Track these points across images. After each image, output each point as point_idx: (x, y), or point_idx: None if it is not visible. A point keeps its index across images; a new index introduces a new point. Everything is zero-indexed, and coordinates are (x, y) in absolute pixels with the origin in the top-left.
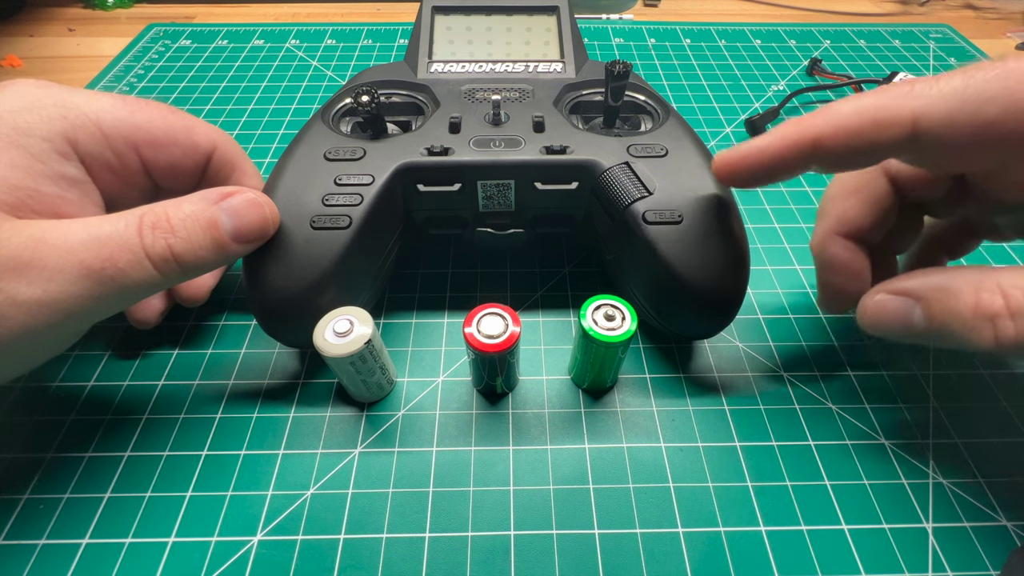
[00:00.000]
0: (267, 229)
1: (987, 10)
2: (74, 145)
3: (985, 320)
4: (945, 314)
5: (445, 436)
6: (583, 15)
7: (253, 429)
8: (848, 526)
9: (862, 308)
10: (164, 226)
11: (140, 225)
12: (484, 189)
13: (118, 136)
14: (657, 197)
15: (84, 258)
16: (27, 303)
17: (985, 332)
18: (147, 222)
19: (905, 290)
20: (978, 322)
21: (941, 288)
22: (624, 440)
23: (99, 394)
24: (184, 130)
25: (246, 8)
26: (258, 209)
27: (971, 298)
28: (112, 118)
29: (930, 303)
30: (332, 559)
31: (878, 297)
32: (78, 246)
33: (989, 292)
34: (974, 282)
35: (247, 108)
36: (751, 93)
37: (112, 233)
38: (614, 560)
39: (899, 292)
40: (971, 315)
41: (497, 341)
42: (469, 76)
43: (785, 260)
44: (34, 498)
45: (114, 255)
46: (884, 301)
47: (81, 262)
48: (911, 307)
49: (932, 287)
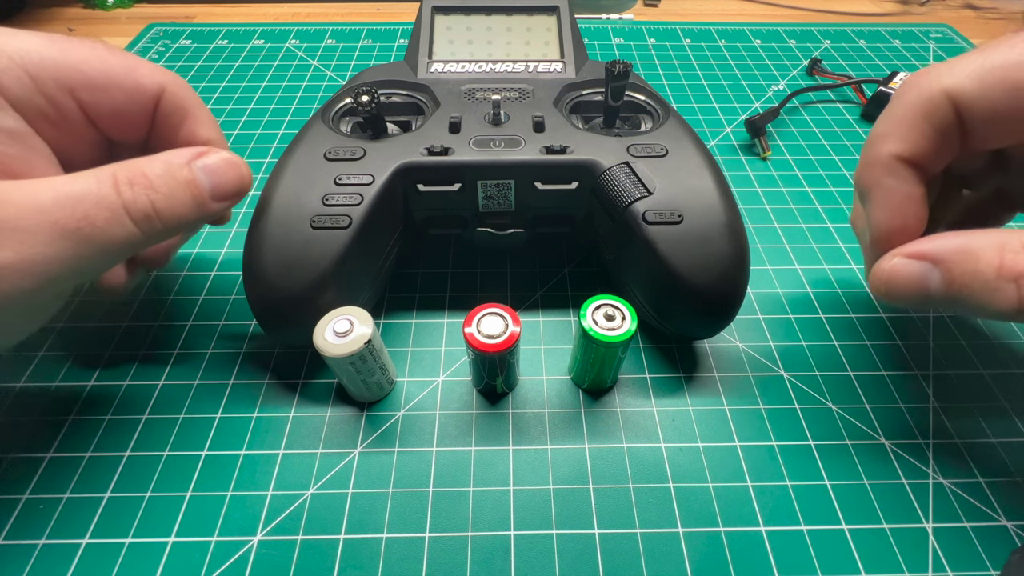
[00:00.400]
0: (244, 187)
1: (987, 10)
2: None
3: (1009, 281)
4: (966, 276)
5: (445, 436)
6: (583, 15)
7: (253, 429)
8: (848, 526)
9: (876, 274)
10: (142, 182)
11: (115, 181)
12: (484, 189)
13: (48, 79)
14: (657, 197)
15: (58, 218)
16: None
17: (1008, 293)
18: (123, 178)
19: (923, 253)
20: (1001, 283)
21: (962, 250)
22: (624, 440)
23: (99, 394)
24: (125, 70)
25: (246, 8)
26: (236, 168)
27: (995, 259)
28: (38, 58)
29: (950, 266)
30: (332, 559)
31: (894, 261)
32: (49, 205)
33: (1014, 252)
34: (998, 243)
35: (247, 108)
36: (751, 93)
37: (86, 190)
38: (614, 560)
39: (917, 255)
40: (994, 276)
41: (497, 341)
42: (469, 76)
43: (785, 260)
44: (34, 498)
45: (91, 213)
46: (900, 265)
47: (55, 222)
48: (928, 271)
49: (953, 249)
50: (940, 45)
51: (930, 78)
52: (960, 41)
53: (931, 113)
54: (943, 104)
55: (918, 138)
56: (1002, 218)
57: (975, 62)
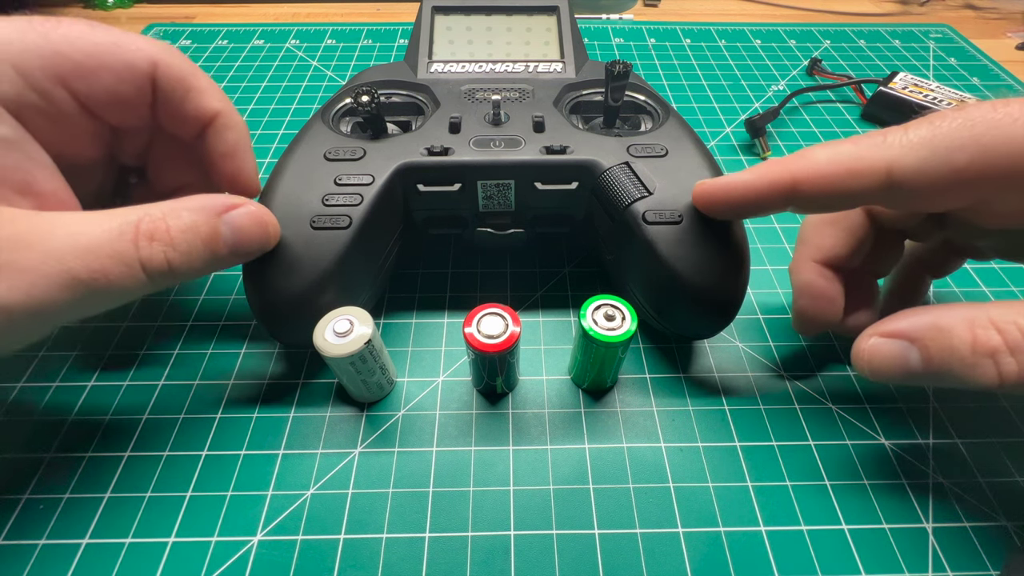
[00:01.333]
0: (267, 246)
1: (987, 10)
2: None
3: (985, 357)
4: (943, 353)
5: (445, 436)
6: (583, 15)
7: (253, 429)
8: (848, 526)
9: (856, 353)
10: (163, 238)
11: (136, 235)
12: (484, 189)
13: (35, 69)
14: (657, 197)
15: (72, 266)
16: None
17: (988, 370)
18: (144, 231)
19: (898, 332)
20: (978, 359)
21: (934, 327)
22: (624, 440)
23: (99, 394)
24: (112, 48)
25: (246, 8)
26: (262, 227)
27: (967, 335)
28: (22, 46)
29: (926, 343)
30: (332, 559)
31: (872, 342)
32: (65, 253)
33: (983, 328)
34: (967, 319)
35: (247, 108)
36: (751, 93)
37: (103, 241)
38: (614, 560)
39: (892, 334)
40: (970, 352)
41: (497, 341)
42: (469, 76)
43: (785, 260)
44: (34, 498)
45: (106, 267)
46: (878, 345)
47: (68, 270)
48: (907, 350)
49: (926, 326)
50: (940, 45)
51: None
52: (960, 41)
53: (839, 220)
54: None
55: (830, 243)
56: (951, 266)
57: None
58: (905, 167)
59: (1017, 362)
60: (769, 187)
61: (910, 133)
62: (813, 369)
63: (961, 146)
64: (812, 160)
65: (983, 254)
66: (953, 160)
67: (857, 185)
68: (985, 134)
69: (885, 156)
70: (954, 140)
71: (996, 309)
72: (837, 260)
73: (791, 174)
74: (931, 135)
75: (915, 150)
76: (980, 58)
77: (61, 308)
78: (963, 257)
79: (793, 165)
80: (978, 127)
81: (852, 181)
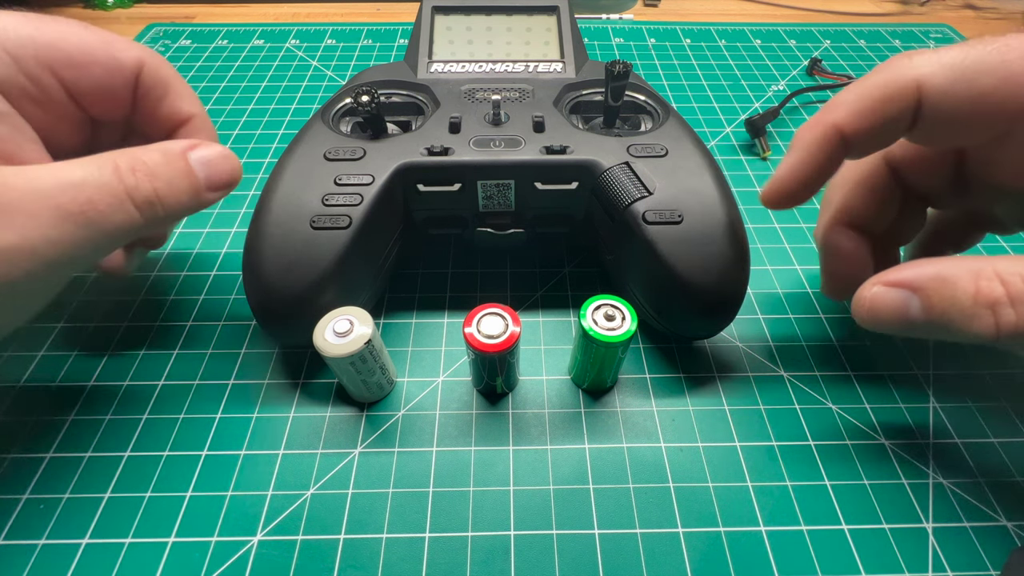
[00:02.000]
0: (236, 179)
1: (987, 10)
2: None
3: (985, 308)
4: (944, 303)
5: (445, 436)
6: (583, 15)
7: (253, 429)
8: (848, 526)
9: (857, 302)
10: (144, 169)
11: (116, 168)
12: (484, 189)
13: (28, 56)
14: (657, 197)
15: (60, 201)
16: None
17: (986, 320)
18: (124, 165)
19: (901, 281)
20: (978, 310)
21: (939, 277)
22: (624, 440)
23: (99, 394)
24: (102, 45)
25: (246, 8)
26: (228, 160)
27: (970, 286)
28: (16, 36)
29: (928, 293)
30: (332, 559)
31: (875, 290)
32: (51, 190)
33: (988, 280)
34: (972, 270)
35: (247, 108)
36: (751, 93)
37: (87, 176)
38: (614, 560)
39: (895, 283)
40: (971, 303)
41: (497, 341)
42: (469, 76)
43: (785, 260)
44: (34, 498)
45: (93, 198)
46: (880, 294)
47: (58, 206)
48: (908, 298)
49: (930, 276)
50: (940, 45)
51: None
52: (960, 41)
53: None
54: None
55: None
56: (971, 239)
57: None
58: (935, 86)
59: (1016, 313)
60: (820, 151)
61: (940, 54)
62: (813, 369)
63: (990, 70)
64: (845, 102)
65: (1004, 226)
66: (979, 83)
67: (894, 109)
68: (1015, 61)
69: (914, 74)
70: (984, 64)
71: (1003, 262)
72: (863, 222)
73: (832, 126)
74: (962, 57)
75: (943, 70)
76: None
77: (59, 248)
78: (983, 230)
79: (829, 116)
80: (1011, 53)
81: (889, 106)
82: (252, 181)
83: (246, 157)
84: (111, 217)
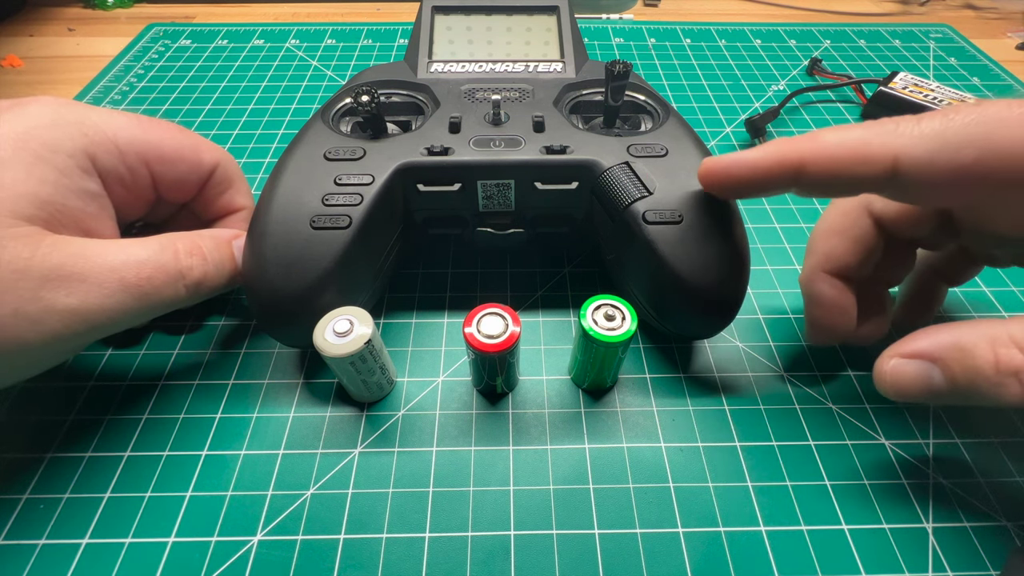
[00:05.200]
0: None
1: (987, 10)
2: (93, 161)
3: (1010, 376)
4: (968, 372)
5: (445, 436)
6: (583, 15)
7: (253, 429)
8: (848, 526)
9: (879, 375)
10: (199, 253)
11: (176, 251)
12: (484, 189)
13: (132, 152)
14: (657, 197)
15: (124, 275)
16: (64, 312)
17: (1013, 389)
18: (182, 248)
19: (919, 352)
20: (1004, 379)
21: (955, 346)
22: (624, 440)
23: (99, 394)
24: (192, 148)
25: (246, 8)
26: None
27: (989, 354)
28: (127, 135)
29: (948, 363)
30: (332, 559)
31: (893, 363)
32: (119, 265)
33: (1005, 347)
34: (988, 337)
35: (247, 108)
36: (751, 93)
37: (150, 256)
38: (614, 560)
39: (913, 355)
40: (994, 372)
41: (497, 341)
42: (469, 76)
43: (785, 260)
44: (34, 498)
45: (153, 275)
46: (900, 366)
47: (121, 278)
48: (929, 369)
49: (946, 346)
50: (940, 45)
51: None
52: (960, 41)
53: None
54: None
55: (839, 253)
56: (966, 274)
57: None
58: (913, 158)
59: None
60: (776, 165)
61: (923, 124)
62: (813, 369)
63: (971, 142)
64: (821, 142)
65: (999, 261)
66: (961, 156)
67: (863, 171)
68: (995, 132)
69: (894, 145)
70: (965, 136)
71: (1016, 326)
72: (847, 270)
73: (799, 154)
74: (943, 128)
75: (925, 142)
76: (980, 58)
77: (110, 314)
78: (979, 265)
79: (802, 145)
80: (990, 124)
81: (858, 167)
82: (252, 181)
83: (246, 157)
84: (163, 291)
